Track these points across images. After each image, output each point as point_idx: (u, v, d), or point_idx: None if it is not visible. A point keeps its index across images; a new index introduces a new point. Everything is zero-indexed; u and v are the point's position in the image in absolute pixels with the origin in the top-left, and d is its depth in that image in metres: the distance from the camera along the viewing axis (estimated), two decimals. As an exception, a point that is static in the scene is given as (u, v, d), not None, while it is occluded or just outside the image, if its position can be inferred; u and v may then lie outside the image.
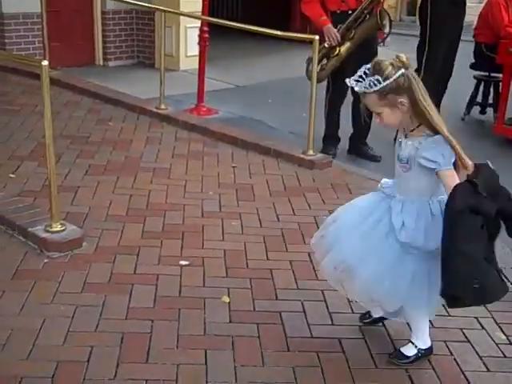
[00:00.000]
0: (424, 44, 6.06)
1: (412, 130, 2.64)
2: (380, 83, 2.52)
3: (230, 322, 3.13)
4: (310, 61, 5.52)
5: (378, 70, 2.54)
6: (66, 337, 2.94)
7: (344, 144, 6.00)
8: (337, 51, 5.43)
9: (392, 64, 2.53)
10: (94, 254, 3.72)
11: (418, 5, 6.56)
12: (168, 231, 4.08)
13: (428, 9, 5.98)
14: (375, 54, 5.63)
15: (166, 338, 2.97)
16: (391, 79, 2.51)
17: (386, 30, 5.50)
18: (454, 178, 2.53)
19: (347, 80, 2.63)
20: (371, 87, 2.53)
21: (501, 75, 6.72)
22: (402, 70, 2.53)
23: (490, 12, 6.66)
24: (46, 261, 3.61)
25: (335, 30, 5.39)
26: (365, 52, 5.53)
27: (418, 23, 6.58)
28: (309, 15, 5.62)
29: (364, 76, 2.56)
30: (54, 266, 3.56)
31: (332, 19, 5.45)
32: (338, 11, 5.45)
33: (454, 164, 2.58)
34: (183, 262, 3.67)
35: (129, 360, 2.81)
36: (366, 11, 5.36)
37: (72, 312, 3.13)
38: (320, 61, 5.42)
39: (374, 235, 2.73)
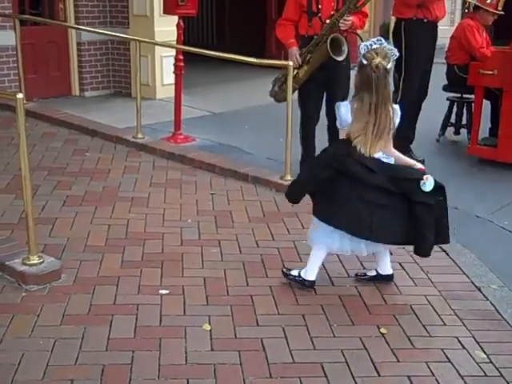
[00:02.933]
0: (400, 69, 6.15)
1: None
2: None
3: (212, 350, 3.12)
4: (275, 81, 5.61)
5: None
6: (46, 371, 2.90)
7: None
8: (295, 73, 5.49)
9: None
10: (73, 286, 3.69)
11: (392, 30, 6.65)
12: (147, 260, 4.06)
13: (402, 34, 6.08)
14: (344, 78, 5.63)
15: (147, 369, 2.95)
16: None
17: (341, 58, 5.33)
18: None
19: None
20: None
21: (473, 96, 6.82)
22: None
23: (462, 35, 6.77)
24: (24, 294, 3.58)
25: (297, 53, 5.45)
26: (332, 76, 5.52)
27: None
28: (279, 37, 5.71)
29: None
30: (32, 300, 3.52)
31: (301, 43, 5.52)
32: (306, 35, 5.52)
33: None
34: (163, 291, 3.66)
35: (110, 392, 2.78)
36: (325, 37, 5.39)
37: (51, 345, 3.09)
38: (283, 82, 5.51)
39: None
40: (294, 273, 3.76)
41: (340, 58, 5.30)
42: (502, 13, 6.93)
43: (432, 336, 3.29)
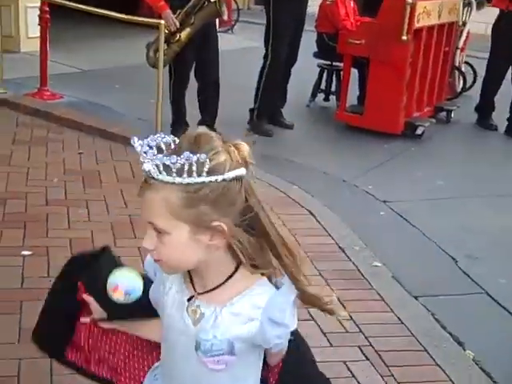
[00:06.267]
0: (269, 33, 6.19)
1: (219, 286, 1.38)
2: (201, 173, 1.25)
3: (77, 312, 3.03)
4: (149, 46, 5.48)
5: (204, 148, 1.27)
6: None
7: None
8: (177, 37, 5.40)
9: (229, 153, 1.29)
10: None
11: None
12: (9, 221, 3.87)
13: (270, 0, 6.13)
14: (216, 39, 5.68)
15: (7, 333, 2.83)
16: (222, 176, 1.26)
17: (225, 16, 5.60)
18: None
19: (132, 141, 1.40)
20: (180, 175, 1.26)
21: (342, 64, 7.01)
22: (243, 171, 1.29)
23: (328, 7, 6.94)
24: None
25: (173, 16, 5.36)
26: (204, 37, 5.55)
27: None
28: (147, 1, 5.57)
29: (164, 147, 1.33)
30: None
31: (171, 4, 5.41)
32: None
33: None
34: (26, 252, 3.50)
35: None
36: None
37: None
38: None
39: None
40: None
41: (225, 17, 5.50)
42: None
43: (349, 332, 3.28)
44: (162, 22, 5.19)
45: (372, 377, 2.85)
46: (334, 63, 7.43)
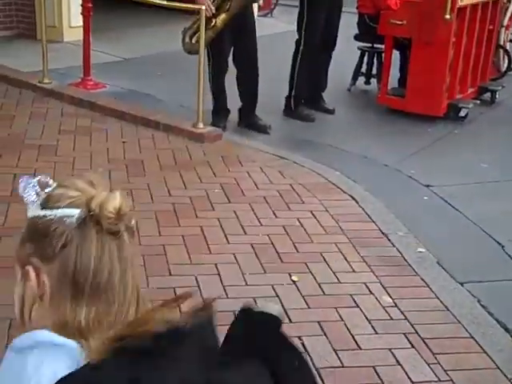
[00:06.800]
0: (302, 14, 6.13)
1: None
2: (44, 205, 1.08)
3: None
4: (185, 32, 5.50)
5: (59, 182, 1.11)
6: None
7: (234, 116, 6.00)
8: (213, 23, 5.39)
9: (84, 193, 1.05)
10: (-23, 238, 3.56)
11: None
12: (56, 210, 3.95)
13: None
14: (253, 25, 5.67)
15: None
16: (54, 212, 1.05)
17: (260, 1, 5.56)
18: None
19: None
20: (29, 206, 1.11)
21: (383, 46, 6.92)
22: (73, 212, 1.03)
23: (370, -15, 6.82)
24: None
25: (209, 2, 5.36)
26: (241, 23, 5.53)
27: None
28: None
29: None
30: None
31: None
32: None
33: None
34: (73, 242, 3.58)
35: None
36: None
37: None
38: (195, 32, 5.40)
39: None
40: None
41: (260, 2, 5.46)
42: None
43: (341, 282, 3.38)
44: (203, 7, 5.19)
45: (418, 364, 2.84)
46: (375, 45, 7.34)
